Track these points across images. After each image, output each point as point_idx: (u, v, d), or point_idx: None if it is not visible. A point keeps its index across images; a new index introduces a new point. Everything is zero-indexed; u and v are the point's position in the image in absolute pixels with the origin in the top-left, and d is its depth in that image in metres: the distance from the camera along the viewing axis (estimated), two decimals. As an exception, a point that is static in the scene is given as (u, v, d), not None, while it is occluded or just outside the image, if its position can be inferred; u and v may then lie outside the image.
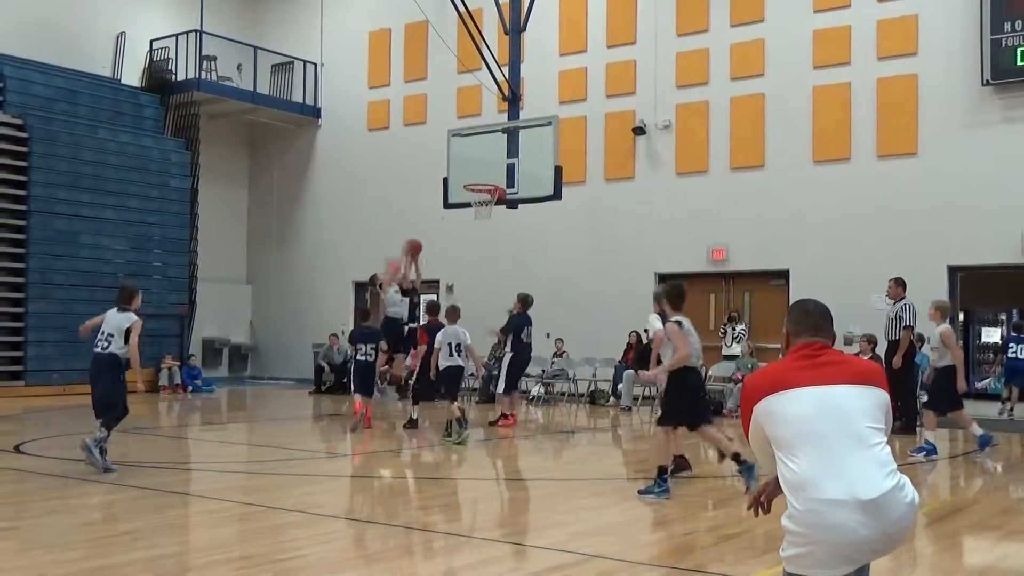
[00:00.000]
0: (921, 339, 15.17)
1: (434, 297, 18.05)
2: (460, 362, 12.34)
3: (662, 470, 8.22)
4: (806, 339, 3.67)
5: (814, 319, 3.73)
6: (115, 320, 9.12)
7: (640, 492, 8.26)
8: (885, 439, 3.44)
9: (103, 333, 9.14)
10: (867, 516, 3.28)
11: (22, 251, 19.19)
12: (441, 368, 12.34)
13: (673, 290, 8.64)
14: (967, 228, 16.06)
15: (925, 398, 13.26)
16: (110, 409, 9.02)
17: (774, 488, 3.63)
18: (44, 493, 8.09)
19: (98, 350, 9.08)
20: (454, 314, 12.54)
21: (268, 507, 7.55)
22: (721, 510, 8.01)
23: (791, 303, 4.02)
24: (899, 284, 12.90)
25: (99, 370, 9.05)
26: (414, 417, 13.10)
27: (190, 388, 20.15)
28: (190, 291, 21.87)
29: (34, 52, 20.76)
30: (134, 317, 9.12)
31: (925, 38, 16.65)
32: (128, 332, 9.03)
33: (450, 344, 12.27)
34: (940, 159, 16.41)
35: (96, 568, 5.57)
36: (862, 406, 3.45)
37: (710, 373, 16.62)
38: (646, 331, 15.59)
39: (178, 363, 20.38)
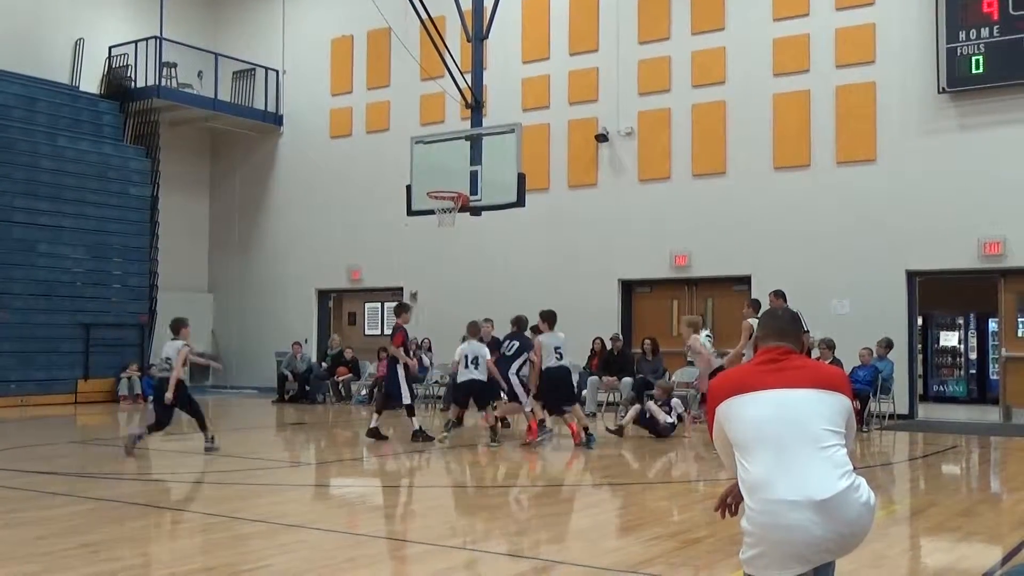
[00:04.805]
0: (890, 345, 15.38)
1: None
2: (477, 375, 12.55)
3: None
4: (771, 344, 3.73)
5: (779, 324, 3.79)
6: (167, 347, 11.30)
7: None
8: (843, 442, 3.48)
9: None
10: (820, 516, 3.32)
11: (-22, 260, 18.91)
12: (459, 382, 12.74)
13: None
14: (925, 234, 16.28)
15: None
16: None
17: (740, 490, 3.66)
18: (0, 505, 7.95)
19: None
20: (474, 329, 13.01)
21: (231, 517, 7.48)
22: (685, 515, 8.05)
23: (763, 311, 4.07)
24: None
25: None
26: (373, 426, 13.00)
27: (150, 398, 19.90)
28: (150, 300, 21.65)
29: (-10, 59, 20.49)
30: (180, 345, 11.07)
31: (882, 46, 16.88)
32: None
33: (467, 356, 12.54)
34: (898, 166, 16.64)
35: (55, 582, 5.49)
36: (820, 410, 3.49)
37: (674, 379, 16.69)
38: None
39: (139, 373, 20.14)
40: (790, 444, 3.42)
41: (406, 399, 12.90)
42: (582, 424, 12.45)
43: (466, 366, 12.52)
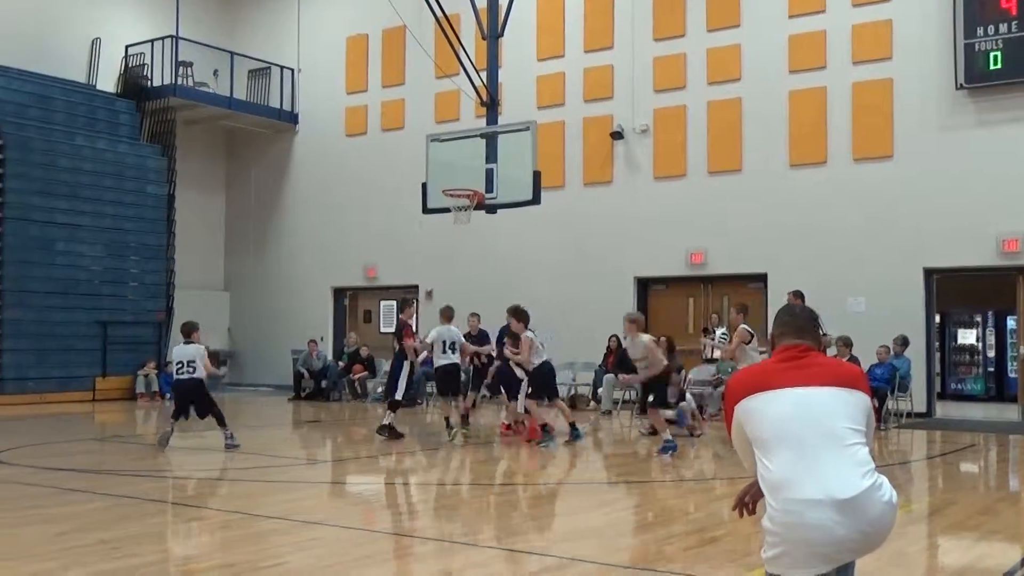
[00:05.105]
0: (906, 342, 15.31)
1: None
2: (455, 359, 12.77)
3: None
4: (789, 341, 3.70)
5: (798, 322, 3.76)
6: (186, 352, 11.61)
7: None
8: (864, 440, 3.46)
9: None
10: (843, 515, 3.30)
11: (-4, 258, 19.01)
12: (437, 366, 12.80)
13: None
14: (942, 231, 16.19)
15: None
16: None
17: (758, 489, 3.64)
18: (20, 502, 8.01)
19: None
20: (448, 313, 13.05)
21: (249, 514, 7.51)
22: (702, 512, 8.03)
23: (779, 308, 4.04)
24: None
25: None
26: (386, 423, 13.00)
27: (168, 395, 19.98)
28: (167, 298, 21.73)
29: (8, 58, 20.58)
30: (201, 348, 11.66)
31: (899, 42, 16.78)
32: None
33: (444, 342, 12.64)
34: (915, 162, 16.54)
35: (74, 578, 5.52)
36: (841, 408, 3.47)
37: (690, 376, 16.65)
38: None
39: (156, 370, 20.23)
40: (812, 443, 3.40)
41: (399, 394, 12.88)
42: (568, 419, 12.56)
43: (443, 351, 12.64)
